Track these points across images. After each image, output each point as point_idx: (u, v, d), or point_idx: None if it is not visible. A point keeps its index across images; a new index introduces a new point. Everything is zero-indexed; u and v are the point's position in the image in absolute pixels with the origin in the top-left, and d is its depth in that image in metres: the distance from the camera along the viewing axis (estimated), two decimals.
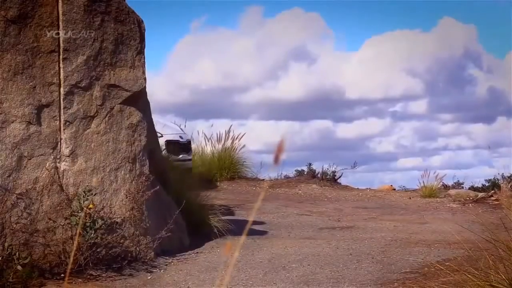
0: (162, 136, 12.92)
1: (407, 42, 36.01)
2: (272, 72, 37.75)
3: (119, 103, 8.24)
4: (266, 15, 42.62)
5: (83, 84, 8.02)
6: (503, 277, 4.96)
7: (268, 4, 40.58)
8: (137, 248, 7.98)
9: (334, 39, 40.77)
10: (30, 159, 7.69)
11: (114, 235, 7.80)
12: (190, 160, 14.42)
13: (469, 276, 5.11)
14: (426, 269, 6.99)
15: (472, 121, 43.27)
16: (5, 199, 7.46)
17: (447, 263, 6.49)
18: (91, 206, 7.50)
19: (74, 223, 7.46)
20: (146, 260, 8.04)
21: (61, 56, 7.90)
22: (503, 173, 14.94)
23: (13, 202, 7.48)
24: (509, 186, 8.51)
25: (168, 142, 13.67)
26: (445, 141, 38.40)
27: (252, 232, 9.46)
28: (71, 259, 7.46)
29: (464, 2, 37.48)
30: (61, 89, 7.90)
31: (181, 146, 14.10)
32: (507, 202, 6.89)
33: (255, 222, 10.18)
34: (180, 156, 13.85)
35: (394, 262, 7.49)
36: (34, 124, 7.73)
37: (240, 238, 8.87)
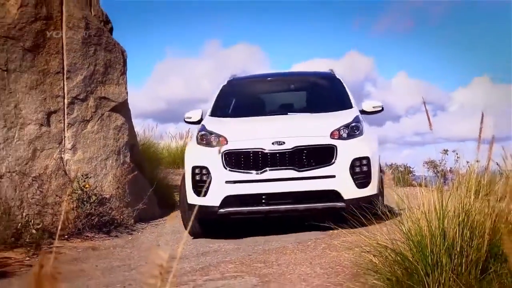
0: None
1: (322, 67, 38.54)
2: None
3: (108, 111, 8.57)
4: (224, 45, 46.03)
5: (81, 97, 8.30)
6: (387, 237, 5.12)
7: (225, 38, 43.59)
8: (121, 217, 8.24)
9: (269, 64, 44.51)
10: (42, 151, 7.95)
11: (104, 207, 8.01)
12: None
13: (362, 236, 5.19)
14: (330, 232, 6.98)
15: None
16: (23, 181, 7.71)
17: (346, 228, 6.46)
18: (87, 186, 7.86)
19: (75, 198, 7.76)
20: (127, 225, 8.33)
21: (65, 76, 8.19)
22: (385, 162, 15.38)
23: (29, 183, 7.76)
24: (390, 171, 9.68)
25: None
26: None
27: None
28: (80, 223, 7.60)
29: (367, 37, 40.95)
30: (65, 100, 8.17)
31: None
32: (388, 183, 7.90)
33: None
34: None
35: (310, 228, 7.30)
36: (45, 126, 8.00)
37: None
